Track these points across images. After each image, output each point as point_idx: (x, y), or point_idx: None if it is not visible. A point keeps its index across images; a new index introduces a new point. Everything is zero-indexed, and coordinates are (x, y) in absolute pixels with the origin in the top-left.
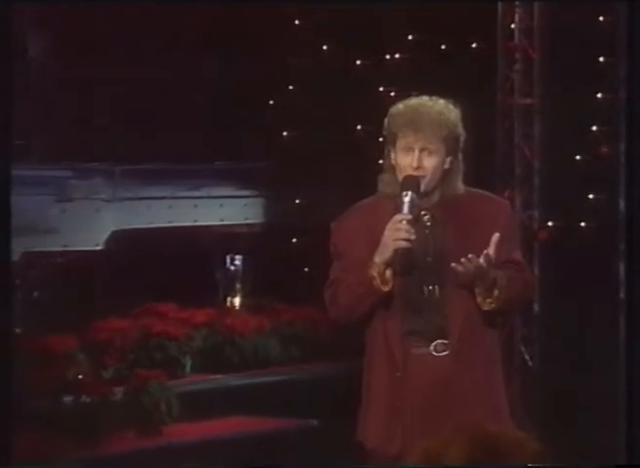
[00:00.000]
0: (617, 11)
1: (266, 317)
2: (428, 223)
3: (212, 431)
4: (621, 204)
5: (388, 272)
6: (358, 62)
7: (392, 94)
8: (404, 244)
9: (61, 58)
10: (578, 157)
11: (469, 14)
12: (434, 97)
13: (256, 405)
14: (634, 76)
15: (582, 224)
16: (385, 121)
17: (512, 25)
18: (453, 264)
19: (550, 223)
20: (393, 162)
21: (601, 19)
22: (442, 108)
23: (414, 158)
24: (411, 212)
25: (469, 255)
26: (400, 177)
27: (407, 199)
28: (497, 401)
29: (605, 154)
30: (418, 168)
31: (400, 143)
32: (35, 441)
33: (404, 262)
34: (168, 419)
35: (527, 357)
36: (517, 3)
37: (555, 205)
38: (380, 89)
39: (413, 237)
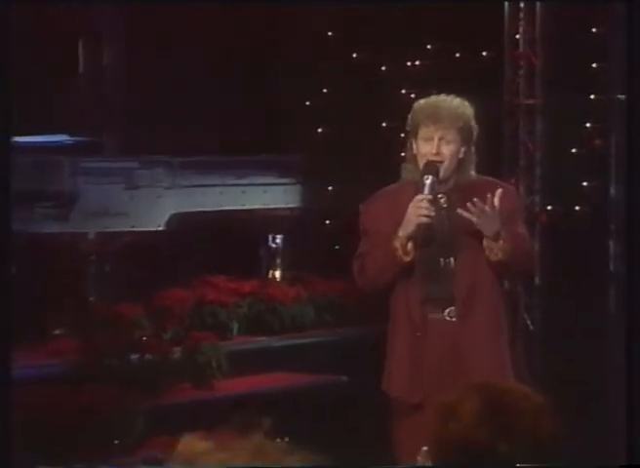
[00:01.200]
0: (609, 22)
1: (303, 288)
2: (444, 205)
3: (255, 385)
4: (611, 190)
5: (410, 244)
6: (383, 68)
7: (413, 95)
8: (425, 219)
9: (128, 58)
10: (573, 150)
11: (480, 26)
12: (451, 95)
13: (293, 363)
14: (631, 78)
15: (577, 208)
16: (409, 116)
17: (517, 36)
18: (459, 210)
19: (549, 207)
20: (415, 152)
21: (594, 30)
22: (458, 104)
23: (433, 145)
24: (431, 192)
25: (474, 199)
26: (421, 164)
27: (428, 181)
28: (502, 360)
29: (597, 147)
30: (437, 154)
31: (422, 133)
32: (107, 394)
33: (424, 235)
34: (218, 374)
35: (528, 322)
36: (521, 16)
37: (554, 191)
38: (403, 91)
39: (432, 214)
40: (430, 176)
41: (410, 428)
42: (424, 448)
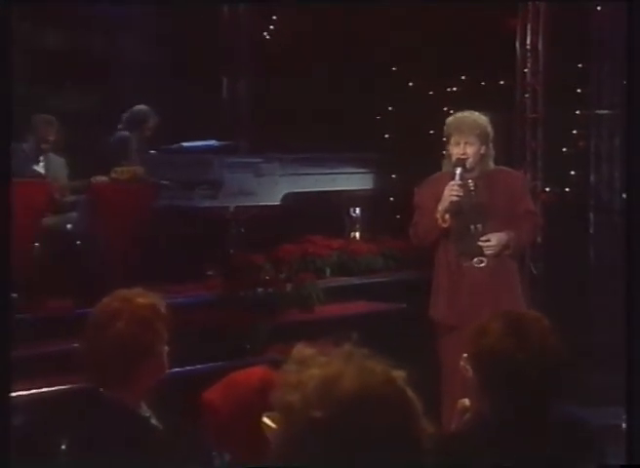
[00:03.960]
0: (593, 57)
1: (374, 244)
2: (472, 188)
3: (342, 310)
4: (591, 177)
5: (447, 216)
6: (431, 93)
7: (451, 111)
8: (455, 198)
9: (254, 85)
10: (564, 149)
11: (499, 63)
12: (471, 111)
13: (368, 295)
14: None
15: (567, 189)
16: (444, 128)
17: (525, 70)
18: (480, 243)
19: (547, 189)
20: (450, 152)
21: (580, 65)
22: (476, 117)
23: (460, 148)
24: (460, 179)
25: (485, 237)
26: (454, 160)
27: (458, 171)
28: (515, 295)
29: (581, 148)
30: (463, 154)
31: (452, 140)
32: (242, 315)
33: (456, 209)
34: (317, 303)
35: (533, 269)
36: (528, 55)
37: (551, 178)
38: (445, 109)
39: (461, 194)
40: (459, 168)
41: (448, 343)
42: (465, 355)
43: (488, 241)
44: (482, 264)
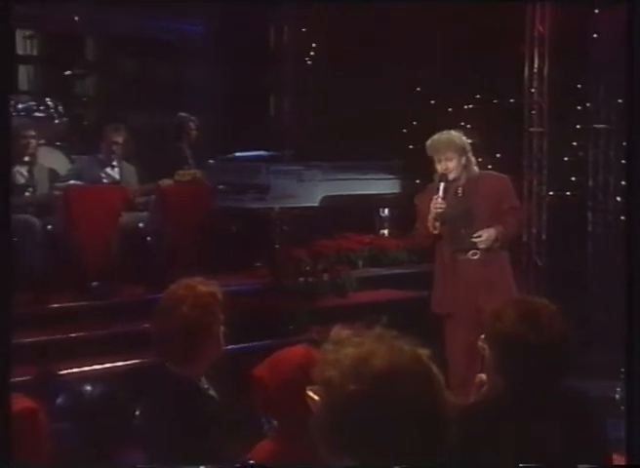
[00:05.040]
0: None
1: (401, 240)
2: (460, 194)
3: (372, 297)
4: (589, 182)
5: (437, 223)
6: (450, 109)
7: (468, 126)
8: (439, 210)
9: (297, 108)
10: (565, 158)
11: (509, 84)
12: (447, 131)
13: (394, 284)
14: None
15: (568, 193)
16: (426, 150)
17: (532, 90)
18: (474, 238)
19: (551, 192)
20: (436, 169)
21: (579, 86)
22: (449, 135)
23: (442, 165)
24: (443, 193)
25: (477, 234)
26: (438, 175)
27: (441, 186)
28: (508, 281)
29: (580, 157)
30: (445, 168)
31: (435, 159)
32: (285, 300)
33: (443, 217)
34: (350, 290)
35: (538, 261)
36: (535, 77)
37: (554, 183)
38: (462, 123)
39: (444, 206)
40: (442, 183)
41: (450, 331)
42: (482, 336)
43: (479, 237)
44: (476, 256)
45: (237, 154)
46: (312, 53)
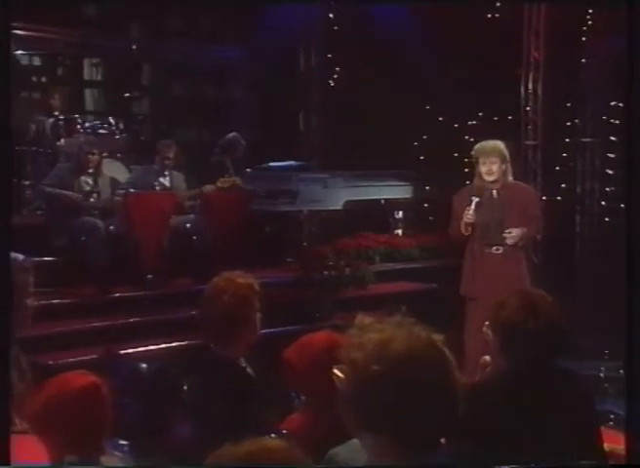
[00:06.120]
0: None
1: (413, 239)
2: (495, 196)
3: (390, 288)
4: (577, 189)
5: (469, 227)
6: (455, 125)
7: (471, 140)
8: (470, 221)
9: (325, 122)
10: (557, 168)
11: (507, 104)
12: (493, 140)
13: (409, 277)
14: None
15: (559, 198)
16: (473, 152)
17: (527, 108)
18: (505, 234)
19: (544, 198)
20: (479, 170)
21: (568, 105)
22: (495, 143)
23: (486, 166)
24: (475, 209)
25: (509, 230)
26: (480, 180)
27: (474, 200)
28: (522, 274)
29: (570, 167)
30: (489, 170)
31: (480, 161)
32: (310, 291)
33: (474, 223)
34: (369, 282)
35: (534, 258)
36: (530, 97)
37: (547, 189)
38: (466, 137)
39: (474, 218)
40: (476, 198)
41: (473, 310)
42: (486, 323)
43: (510, 233)
44: (499, 251)
45: (271, 164)
46: (336, 76)
